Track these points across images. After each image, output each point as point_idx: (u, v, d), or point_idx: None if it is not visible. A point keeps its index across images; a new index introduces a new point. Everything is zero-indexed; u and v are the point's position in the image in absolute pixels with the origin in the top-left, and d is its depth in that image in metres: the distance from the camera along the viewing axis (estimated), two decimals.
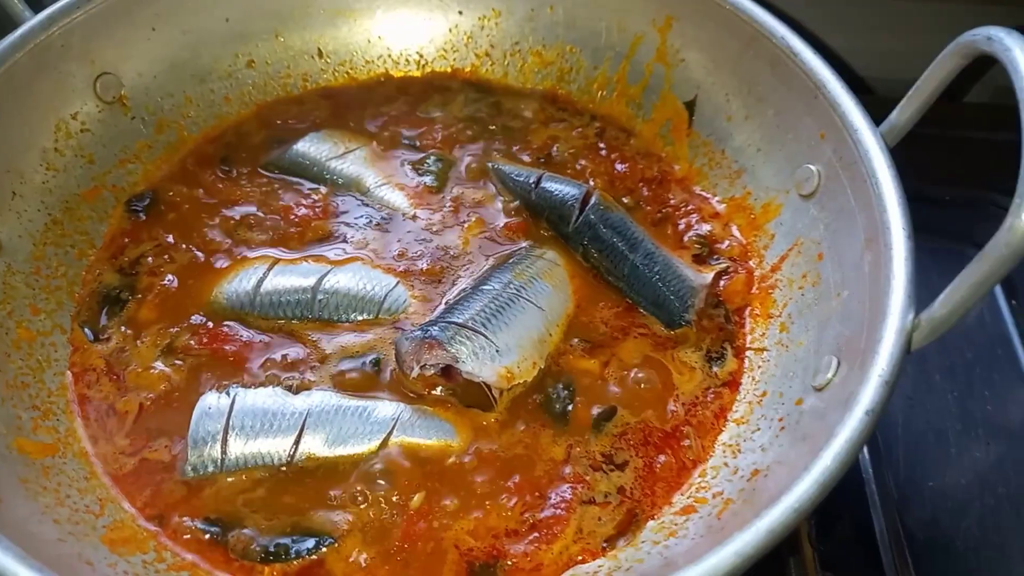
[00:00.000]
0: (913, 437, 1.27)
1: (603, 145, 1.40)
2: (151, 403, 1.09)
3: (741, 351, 1.16)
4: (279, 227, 1.27)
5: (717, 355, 1.16)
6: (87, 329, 1.16)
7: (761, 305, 1.19)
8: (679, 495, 1.04)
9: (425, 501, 1.01)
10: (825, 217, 1.13)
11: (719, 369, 1.15)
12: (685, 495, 1.03)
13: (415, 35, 1.52)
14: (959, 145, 1.57)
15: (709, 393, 1.12)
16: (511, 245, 1.26)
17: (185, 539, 0.98)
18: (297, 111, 1.46)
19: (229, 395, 1.06)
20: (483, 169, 1.36)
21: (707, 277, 1.21)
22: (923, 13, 1.64)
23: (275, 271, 1.19)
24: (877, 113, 1.08)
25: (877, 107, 1.09)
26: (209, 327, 1.15)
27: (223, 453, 1.02)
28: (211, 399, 1.06)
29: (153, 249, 1.25)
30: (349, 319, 1.16)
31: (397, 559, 0.97)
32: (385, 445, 1.04)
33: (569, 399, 1.09)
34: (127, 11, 1.30)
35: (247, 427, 1.03)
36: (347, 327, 1.16)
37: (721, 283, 1.22)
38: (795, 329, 1.12)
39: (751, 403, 1.10)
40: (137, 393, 1.10)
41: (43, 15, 1.20)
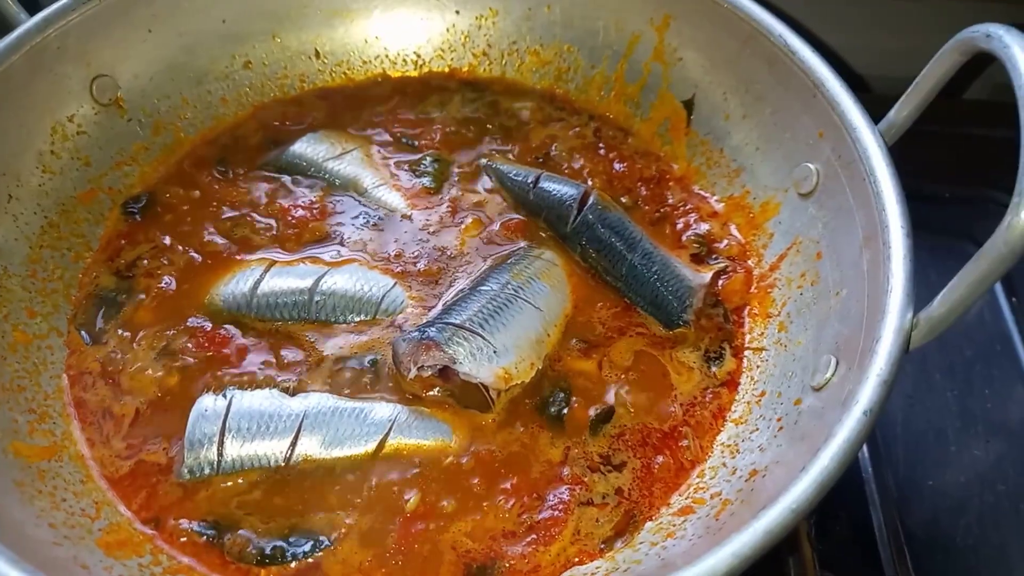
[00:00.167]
0: (913, 436, 1.27)
1: (601, 144, 1.40)
2: (147, 406, 1.09)
3: (739, 351, 1.16)
4: (276, 228, 1.27)
5: (715, 355, 1.15)
6: (83, 332, 1.16)
7: (760, 304, 1.19)
8: (677, 496, 1.03)
9: (422, 503, 1.00)
10: (824, 216, 1.13)
11: (717, 369, 1.14)
12: (683, 496, 1.03)
13: (412, 35, 1.51)
14: (958, 142, 1.57)
15: (707, 393, 1.12)
16: (509, 245, 1.26)
17: (181, 542, 0.98)
18: (294, 112, 1.45)
19: (226, 397, 1.06)
20: (480, 169, 1.36)
21: (705, 277, 1.21)
22: (921, 11, 1.63)
23: (272, 272, 1.19)
24: (875, 111, 1.08)
25: (875, 105, 1.09)
26: (206, 329, 1.15)
27: (219, 455, 1.02)
28: (208, 401, 1.06)
29: (150, 251, 1.24)
30: (346, 320, 1.16)
31: (394, 561, 0.97)
32: (382, 447, 1.04)
33: (566, 400, 1.09)
34: (123, 13, 1.29)
35: (243, 429, 1.03)
36: (344, 328, 1.16)
37: (719, 282, 1.22)
38: (794, 328, 1.12)
39: (749, 403, 1.10)
40: (133, 396, 1.09)
41: (39, 17, 1.20)
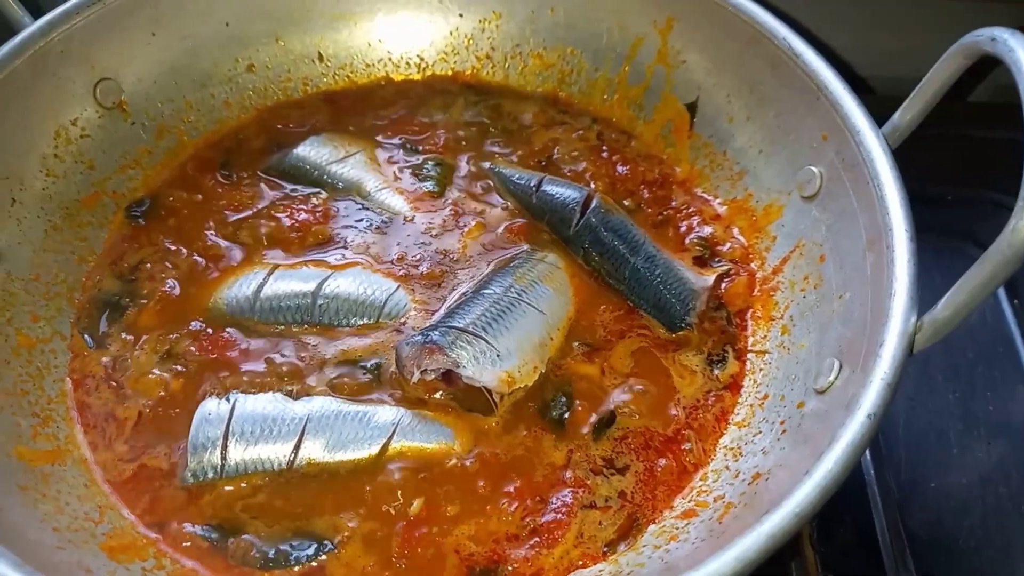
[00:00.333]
0: (915, 438, 1.27)
1: (604, 147, 1.40)
2: (151, 409, 1.09)
3: (742, 354, 1.16)
4: (279, 232, 1.27)
5: (718, 358, 1.15)
6: (87, 336, 1.16)
7: (763, 307, 1.19)
8: (680, 499, 1.03)
9: (425, 506, 1.00)
10: (827, 219, 1.13)
11: (720, 372, 1.14)
12: (686, 499, 1.03)
13: (416, 38, 1.51)
14: (960, 144, 1.56)
15: (710, 396, 1.12)
16: (512, 248, 1.26)
17: (185, 546, 0.98)
18: (297, 115, 1.45)
19: (229, 401, 1.06)
20: (483, 172, 1.36)
21: (708, 279, 1.21)
22: (924, 12, 1.63)
23: (275, 276, 1.19)
24: (879, 113, 1.08)
25: (879, 107, 1.09)
26: (209, 333, 1.15)
27: (223, 459, 1.02)
28: (211, 405, 1.06)
29: (153, 255, 1.24)
30: (349, 324, 1.16)
31: (398, 565, 0.97)
32: (385, 450, 1.04)
33: (568, 404, 1.09)
34: (127, 16, 1.29)
35: (247, 433, 1.03)
36: (347, 332, 1.16)
37: (722, 285, 1.21)
38: (797, 331, 1.12)
39: (752, 406, 1.10)
40: (137, 399, 1.09)
41: (43, 21, 1.20)
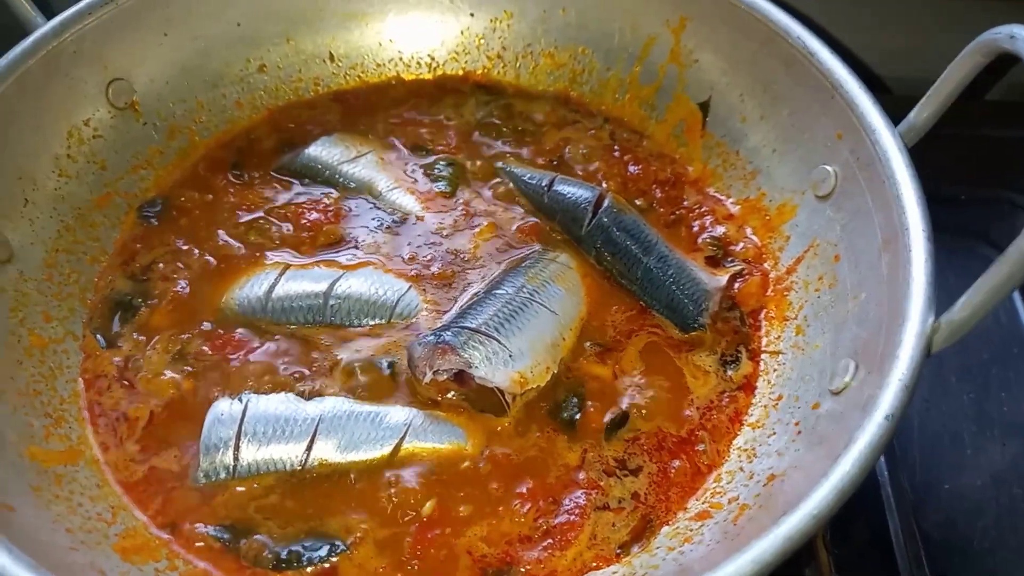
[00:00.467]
0: (929, 439, 1.26)
1: (616, 147, 1.39)
2: (162, 410, 1.09)
3: (756, 354, 1.15)
4: (291, 232, 1.27)
5: (732, 358, 1.15)
6: (99, 336, 1.16)
7: (776, 307, 1.18)
8: (694, 500, 1.03)
9: (438, 507, 1.00)
10: (842, 218, 1.12)
11: (734, 372, 1.13)
12: (700, 500, 1.02)
13: (427, 38, 1.51)
14: (975, 143, 1.55)
15: (724, 397, 1.11)
16: (523, 248, 1.25)
17: (197, 547, 0.98)
18: (308, 115, 1.45)
19: (241, 401, 1.06)
20: (495, 172, 1.36)
21: (721, 280, 1.20)
22: (940, 10, 1.62)
23: (287, 276, 1.19)
24: (895, 112, 1.07)
25: (894, 106, 1.08)
26: (221, 333, 1.15)
27: (235, 459, 1.02)
28: (223, 405, 1.06)
29: (165, 255, 1.24)
30: (361, 324, 1.16)
31: (410, 566, 0.96)
32: (397, 451, 1.03)
33: (580, 405, 1.08)
34: (139, 17, 1.29)
35: (259, 433, 1.03)
36: (359, 332, 1.15)
37: (736, 285, 1.21)
38: (811, 332, 1.11)
39: (767, 407, 1.09)
40: (149, 400, 1.09)
41: (55, 21, 1.20)
